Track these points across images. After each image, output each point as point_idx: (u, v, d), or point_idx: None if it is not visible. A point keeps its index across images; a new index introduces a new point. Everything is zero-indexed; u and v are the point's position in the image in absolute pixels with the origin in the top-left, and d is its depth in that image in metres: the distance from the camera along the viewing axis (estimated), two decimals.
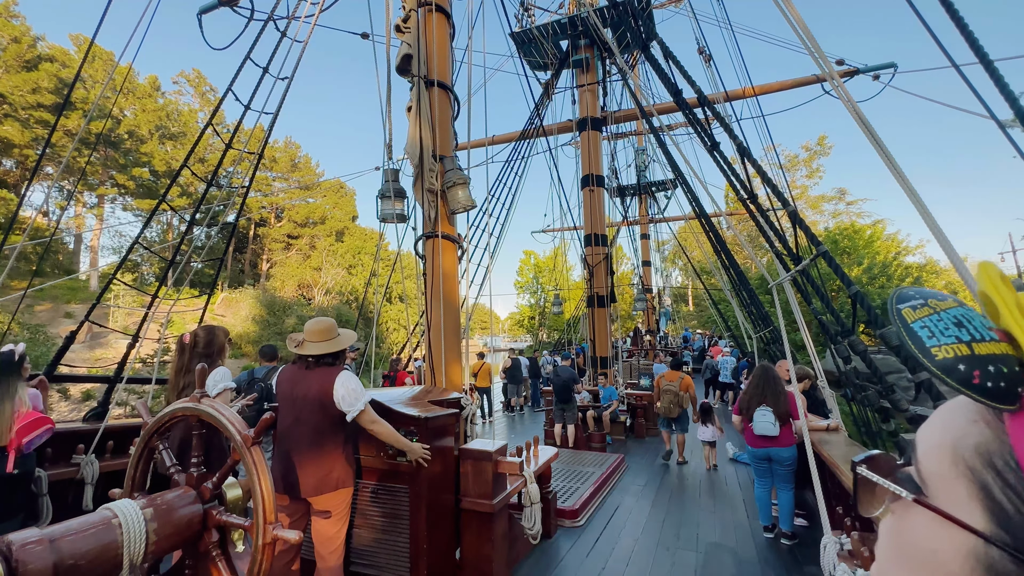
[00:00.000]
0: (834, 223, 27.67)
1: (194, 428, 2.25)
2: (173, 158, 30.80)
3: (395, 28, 3.79)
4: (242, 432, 2.10)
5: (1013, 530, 0.32)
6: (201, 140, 4.52)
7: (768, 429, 4.04)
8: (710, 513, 4.91)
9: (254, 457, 2.08)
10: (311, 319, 2.74)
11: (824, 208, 34.37)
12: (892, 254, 22.80)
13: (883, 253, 22.50)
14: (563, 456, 6.49)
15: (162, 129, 31.42)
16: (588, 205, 9.54)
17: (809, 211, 33.65)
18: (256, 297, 30.51)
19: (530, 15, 9.40)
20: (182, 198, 31.62)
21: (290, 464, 2.57)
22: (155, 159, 30.13)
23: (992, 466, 0.33)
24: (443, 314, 3.78)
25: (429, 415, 2.99)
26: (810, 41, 2.88)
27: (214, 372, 2.92)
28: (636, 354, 15.33)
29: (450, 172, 3.79)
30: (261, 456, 2.08)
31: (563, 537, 4.22)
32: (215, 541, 1.99)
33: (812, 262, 2.43)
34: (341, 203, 42.59)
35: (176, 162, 30.71)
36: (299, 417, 2.58)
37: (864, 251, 22.09)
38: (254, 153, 4.46)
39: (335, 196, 42.36)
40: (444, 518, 3.15)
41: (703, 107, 3.57)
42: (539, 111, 8.75)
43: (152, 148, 30.04)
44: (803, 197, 33.79)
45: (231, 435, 2.09)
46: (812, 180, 35.43)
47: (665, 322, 24.71)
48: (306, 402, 2.58)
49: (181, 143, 31.83)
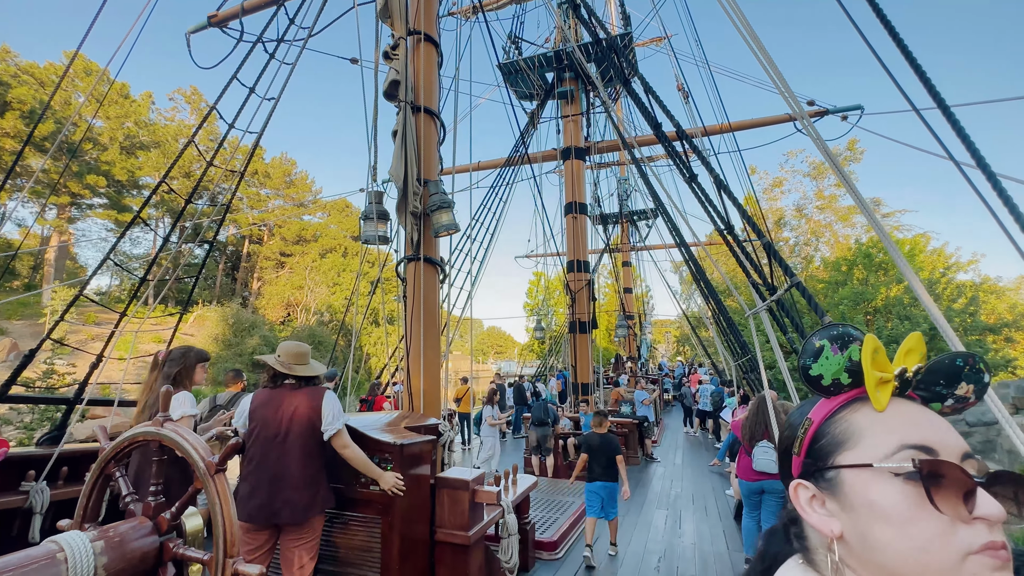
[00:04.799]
0: (867, 237, 24.23)
1: (154, 454, 2.15)
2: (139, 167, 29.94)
3: (384, 55, 3.86)
4: (206, 459, 2.01)
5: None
6: (187, 155, 4.47)
7: (769, 466, 3.96)
8: (690, 545, 4.84)
9: (218, 485, 1.99)
10: (285, 342, 2.69)
11: (855, 220, 29.39)
12: (940, 270, 20.02)
13: (928, 269, 19.74)
14: (542, 485, 6.37)
15: (131, 139, 30.69)
16: (571, 232, 9.67)
17: (839, 224, 29.82)
18: (223, 316, 29.53)
19: (517, 48, 9.70)
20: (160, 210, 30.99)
21: (273, 489, 2.47)
22: (116, 167, 29.16)
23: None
24: (423, 338, 3.73)
25: (405, 442, 2.91)
26: (781, 83, 3.02)
27: (177, 395, 2.80)
28: (614, 382, 15.30)
29: (434, 196, 3.81)
30: (225, 485, 1.98)
31: (542, 570, 4.10)
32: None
33: (786, 292, 2.48)
34: (345, 222, 42.22)
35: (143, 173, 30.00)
36: (286, 439, 2.50)
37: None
38: (235, 171, 4.42)
39: (339, 215, 42.05)
40: (417, 550, 3.03)
41: (681, 140, 3.69)
42: (524, 139, 8.93)
43: (113, 156, 29.07)
44: (830, 208, 29.84)
45: (194, 462, 2.00)
46: (842, 189, 29.47)
47: (647, 349, 24.82)
48: (295, 423, 2.52)
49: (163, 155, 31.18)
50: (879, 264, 19.34)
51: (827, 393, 0.61)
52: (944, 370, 0.56)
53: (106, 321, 23.70)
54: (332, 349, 14.75)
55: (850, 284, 19.79)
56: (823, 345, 0.59)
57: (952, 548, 0.46)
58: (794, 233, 31.70)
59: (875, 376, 0.57)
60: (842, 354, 0.59)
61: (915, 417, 0.55)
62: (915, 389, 0.57)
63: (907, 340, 0.59)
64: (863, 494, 0.52)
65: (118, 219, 29.95)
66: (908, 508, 0.49)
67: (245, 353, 25.95)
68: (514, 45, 9.60)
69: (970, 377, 0.56)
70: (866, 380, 0.57)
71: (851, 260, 20.77)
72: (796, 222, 31.73)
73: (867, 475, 0.52)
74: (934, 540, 0.47)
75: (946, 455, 0.51)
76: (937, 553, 0.47)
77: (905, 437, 0.52)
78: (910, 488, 0.49)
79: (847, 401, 0.60)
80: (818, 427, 0.60)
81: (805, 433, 0.61)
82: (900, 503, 0.49)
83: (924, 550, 0.47)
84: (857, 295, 18.67)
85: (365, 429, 2.94)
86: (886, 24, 2.39)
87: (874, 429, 0.55)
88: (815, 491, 0.57)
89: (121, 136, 29.87)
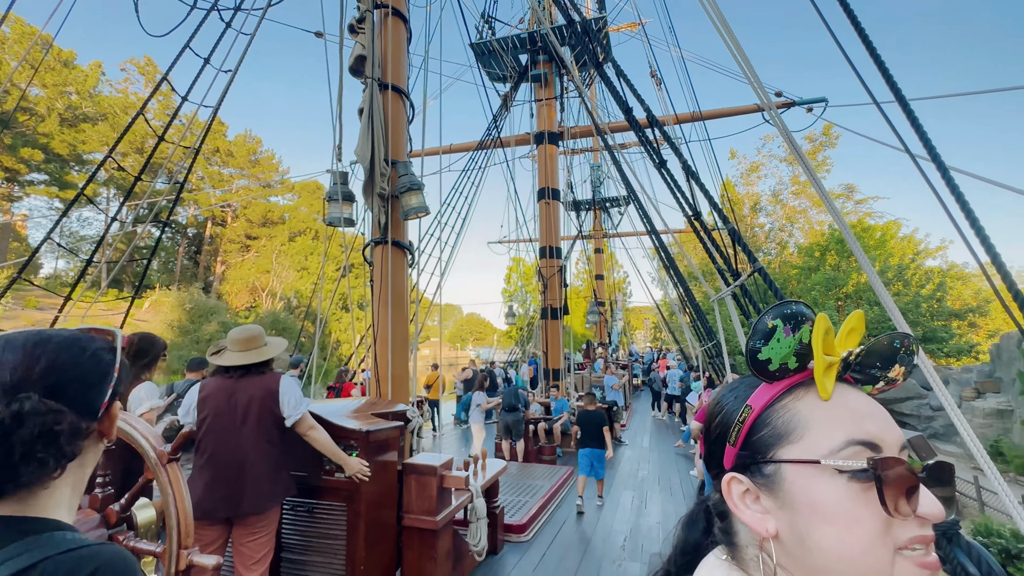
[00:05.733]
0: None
1: None
2: (83, 142, 27.76)
3: (349, 28, 3.70)
4: (157, 448, 1.92)
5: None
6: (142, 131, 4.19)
7: None
8: (655, 524, 5.00)
9: (170, 475, 1.91)
10: (236, 327, 2.57)
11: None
12: (909, 256, 20.48)
13: (898, 255, 20.19)
14: (512, 469, 6.43)
15: (74, 110, 28.42)
16: (544, 217, 9.65)
17: (813, 210, 29.88)
18: (179, 301, 28.12)
19: (490, 27, 9.50)
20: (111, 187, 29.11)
21: (232, 480, 2.39)
22: (55, 141, 26.96)
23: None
24: (391, 323, 3.66)
25: (371, 428, 2.86)
26: (751, 73, 3.05)
27: (139, 387, 2.67)
28: (588, 367, 15.56)
29: (403, 177, 3.71)
30: (178, 474, 1.91)
31: (510, 553, 4.15)
32: None
33: (749, 277, 2.54)
34: (317, 204, 40.51)
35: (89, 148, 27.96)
36: (244, 428, 2.41)
37: (876, 252, 19.65)
38: (190, 148, 4.18)
39: (310, 197, 40.35)
40: (384, 536, 3.01)
41: (652, 126, 3.70)
42: (497, 122, 8.81)
43: (51, 128, 26.81)
44: (805, 194, 29.63)
45: (144, 451, 1.91)
46: (819, 174, 29.33)
47: (617, 336, 25.26)
48: (251, 410, 2.42)
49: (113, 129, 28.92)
50: (851, 250, 19.34)
51: (771, 378, 0.55)
52: (881, 352, 0.53)
53: (49, 307, 22.36)
54: (297, 336, 14.39)
55: (822, 270, 20.19)
56: (776, 325, 0.53)
57: (887, 547, 0.46)
58: (770, 219, 31.67)
59: (824, 361, 0.52)
60: (793, 336, 0.53)
61: (859, 407, 0.52)
62: (850, 371, 0.54)
63: (849, 319, 0.55)
64: (806, 492, 0.49)
65: (60, 196, 27.91)
66: (853, 508, 0.47)
67: (202, 340, 24.92)
68: (487, 24, 9.39)
69: (903, 359, 0.54)
70: (815, 366, 0.53)
71: (824, 246, 21.04)
72: (772, 208, 31.51)
73: (811, 472, 0.49)
74: (875, 540, 0.46)
75: (888, 449, 0.49)
76: (876, 553, 0.45)
77: (852, 431, 0.49)
78: (855, 487, 0.47)
79: (790, 387, 0.55)
80: (758, 416, 0.54)
81: (744, 422, 0.55)
82: (845, 503, 0.47)
83: (866, 552, 0.45)
84: (829, 281, 19.14)
85: (330, 416, 2.88)
86: (853, 21, 2.43)
87: (819, 421, 0.51)
88: (749, 485, 0.54)
89: (62, 107, 27.62)
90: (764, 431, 0.54)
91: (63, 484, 0.66)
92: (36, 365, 0.64)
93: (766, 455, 0.53)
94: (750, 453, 0.54)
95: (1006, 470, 12.21)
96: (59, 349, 0.67)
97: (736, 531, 0.57)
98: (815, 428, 0.51)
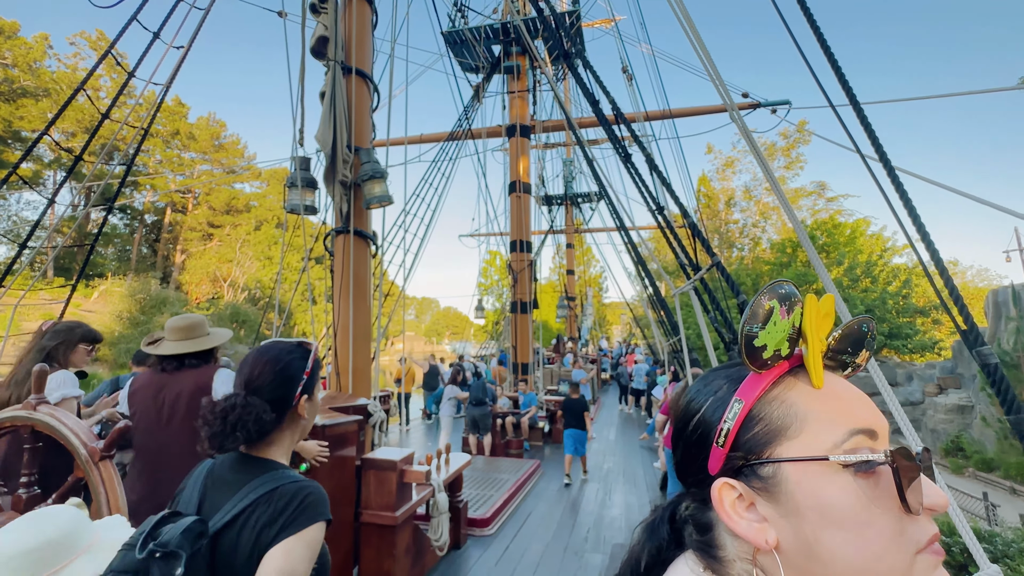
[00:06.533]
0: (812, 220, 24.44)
1: (26, 441, 1.90)
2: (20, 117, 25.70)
3: (311, 7, 3.55)
4: (88, 444, 1.80)
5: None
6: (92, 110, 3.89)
7: None
8: (618, 515, 5.08)
9: (103, 473, 1.79)
10: (175, 316, 2.41)
11: (801, 204, 29.74)
12: (876, 254, 20.67)
13: (866, 252, 20.41)
14: (478, 463, 6.42)
15: (10, 83, 26.28)
16: (515, 211, 9.63)
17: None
18: (130, 291, 26.35)
19: (463, 15, 9.35)
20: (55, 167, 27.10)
21: (156, 481, 2.24)
22: None
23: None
24: (352, 315, 3.56)
25: (327, 422, 2.78)
26: (714, 72, 3.09)
27: (53, 376, 2.47)
28: (558, 361, 15.69)
29: (366, 164, 3.60)
30: (111, 472, 1.79)
31: (473, 547, 4.14)
32: None
33: (708, 270, 2.58)
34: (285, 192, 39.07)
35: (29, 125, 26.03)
36: (169, 427, 2.25)
37: (845, 249, 19.99)
38: (137, 127, 3.93)
39: (279, 184, 38.80)
40: (341, 533, 2.94)
41: (618, 121, 3.71)
42: (468, 114, 8.71)
43: None
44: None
45: (74, 448, 1.79)
46: (792, 171, 29.96)
47: (587, 330, 25.57)
48: (178, 408, 2.25)
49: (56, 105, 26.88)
50: (821, 247, 20.01)
51: (763, 367, 0.48)
52: (853, 336, 0.50)
53: None
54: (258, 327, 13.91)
55: (794, 265, 20.73)
56: (773, 307, 0.47)
57: (906, 549, 0.41)
58: (743, 215, 31.91)
59: (821, 345, 0.48)
60: (787, 318, 0.48)
61: (847, 394, 0.48)
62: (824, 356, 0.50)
63: (823, 302, 0.50)
64: (813, 494, 0.43)
65: None
66: (864, 508, 0.42)
67: (153, 331, 23.64)
68: (460, 13, 9.24)
69: (870, 344, 0.52)
70: (810, 352, 0.48)
71: (795, 242, 21.38)
72: (745, 204, 31.72)
73: (817, 470, 0.44)
74: (890, 542, 0.41)
75: (883, 435, 0.45)
76: (892, 556, 0.41)
77: (850, 420, 0.45)
78: (863, 483, 0.42)
79: (779, 376, 0.49)
80: (750, 411, 0.48)
81: (735, 418, 0.48)
82: (855, 503, 0.42)
83: (879, 557, 0.41)
84: (800, 276, 19.62)
85: None
86: (812, 23, 2.49)
87: (816, 412, 0.46)
88: (742, 491, 0.47)
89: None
90: (758, 428, 0.47)
91: (279, 442, 1.15)
92: (255, 372, 1.13)
93: (762, 455, 0.46)
94: (743, 454, 0.48)
95: (965, 466, 12.51)
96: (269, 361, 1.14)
97: (721, 544, 0.50)
98: (814, 420, 0.46)
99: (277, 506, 0.99)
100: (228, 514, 1.00)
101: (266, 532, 0.96)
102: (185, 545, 0.90)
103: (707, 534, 0.52)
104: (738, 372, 0.51)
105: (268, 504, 1.00)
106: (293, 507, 1.00)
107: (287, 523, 0.98)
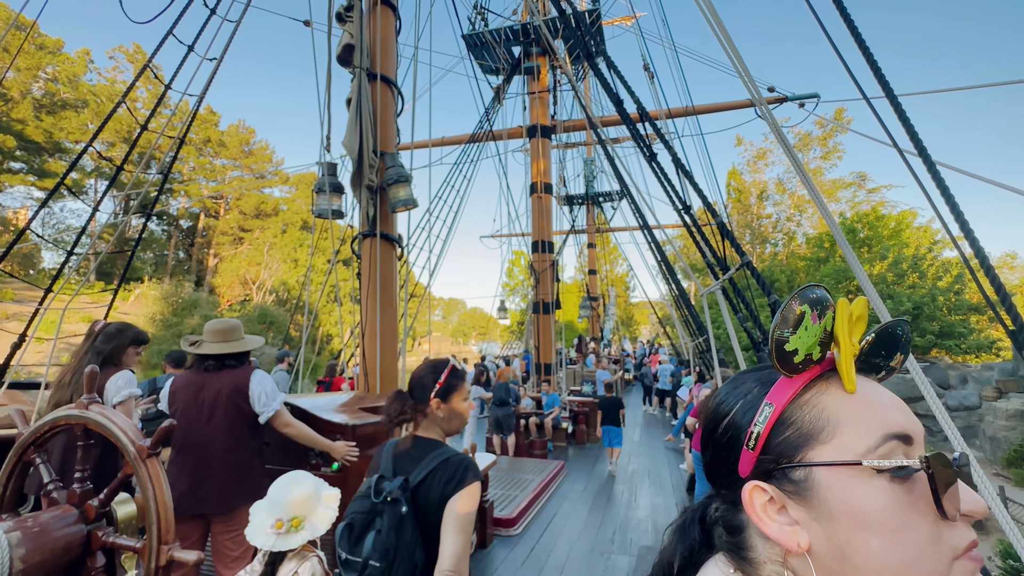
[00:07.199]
0: (852, 212, 22.86)
1: (79, 439, 2.00)
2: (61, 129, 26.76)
3: (337, 16, 3.63)
4: (136, 442, 1.88)
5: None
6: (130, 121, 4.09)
7: None
8: (644, 517, 5.03)
9: (150, 470, 1.88)
10: (213, 320, 2.52)
11: (840, 195, 28.16)
12: (925, 247, 18.95)
13: (913, 245, 18.80)
14: (503, 463, 6.44)
15: (51, 96, 27.40)
16: (536, 211, 9.62)
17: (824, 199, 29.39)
18: (163, 294, 27.50)
19: (483, 18, 9.40)
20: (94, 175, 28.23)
21: (198, 477, 2.34)
22: (29, 127, 25.89)
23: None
24: (379, 316, 3.63)
25: (358, 422, 2.84)
26: (742, 68, 3.04)
27: (117, 376, 2.61)
28: (580, 361, 15.61)
29: (391, 169, 3.67)
30: (158, 469, 1.88)
31: (499, 546, 4.16)
32: (101, 566, 1.77)
33: (738, 270, 2.54)
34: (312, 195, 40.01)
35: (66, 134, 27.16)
36: (209, 424, 2.36)
37: (890, 243, 18.43)
38: (173, 137, 4.10)
39: (307, 189, 39.85)
40: None
41: (643, 120, 3.68)
42: (489, 115, 8.75)
43: (25, 114, 25.69)
44: (815, 182, 25.49)
45: (123, 446, 1.87)
46: (829, 161, 28.24)
47: (610, 330, 25.34)
48: (217, 406, 2.36)
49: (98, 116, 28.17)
50: (863, 240, 18.83)
51: (794, 371, 0.49)
52: (888, 339, 0.50)
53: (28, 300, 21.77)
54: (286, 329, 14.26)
55: (832, 261, 19.33)
56: (804, 311, 0.48)
57: (942, 555, 0.41)
58: (776, 208, 30.43)
59: (853, 349, 0.48)
60: (819, 323, 0.48)
61: (881, 398, 0.47)
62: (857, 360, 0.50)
63: (855, 305, 0.50)
64: (846, 499, 0.43)
65: (36, 185, 27.06)
66: (898, 513, 0.42)
67: (184, 334, 24.39)
68: (480, 16, 9.29)
69: (904, 347, 0.51)
70: (842, 355, 0.48)
71: (833, 237, 19.90)
72: (779, 197, 30.26)
73: (849, 475, 0.44)
74: (926, 549, 0.41)
75: (918, 440, 0.45)
76: (928, 563, 0.41)
77: (885, 425, 0.45)
78: (897, 488, 0.42)
79: (810, 380, 0.49)
80: (780, 414, 0.49)
81: (765, 422, 0.49)
82: (889, 507, 0.42)
83: (914, 562, 0.41)
84: (840, 272, 18.24)
85: (316, 410, 2.85)
86: (845, 17, 2.42)
87: (849, 416, 0.46)
88: (774, 494, 0.48)
89: (39, 92, 26.77)
90: (789, 431, 0.48)
91: (432, 425, 1.52)
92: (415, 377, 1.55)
93: (794, 458, 0.47)
94: (774, 458, 0.48)
95: None
96: (420, 371, 1.55)
97: (751, 546, 0.51)
98: (846, 424, 0.46)
99: (451, 470, 1.38)
100: (421, 474, 1.38)
101: (448, 487, 1.35)
102: (401, 495, 1.32)
103: (737, 536, 0.52)
104: (768, 375, 0.52)
105: (444, 469, 1.39)
106: (461, 471, 1.38)
107: (459, 481, 1.36)
